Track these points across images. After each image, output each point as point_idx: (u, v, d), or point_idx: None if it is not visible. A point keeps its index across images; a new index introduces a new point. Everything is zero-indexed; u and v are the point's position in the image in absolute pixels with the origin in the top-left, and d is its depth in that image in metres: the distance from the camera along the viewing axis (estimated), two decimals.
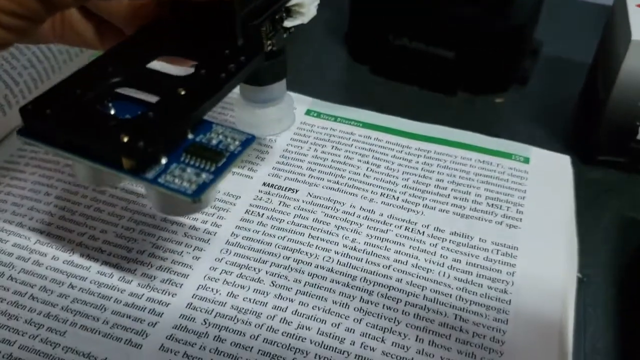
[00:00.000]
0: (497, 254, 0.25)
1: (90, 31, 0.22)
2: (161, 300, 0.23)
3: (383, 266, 0.24)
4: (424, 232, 0.26)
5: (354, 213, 0.26)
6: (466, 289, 0.23)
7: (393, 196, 0.27)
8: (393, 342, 0.22)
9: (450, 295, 0.23)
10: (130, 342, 0.21)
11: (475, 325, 0.22)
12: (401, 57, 0.38)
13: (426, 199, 0.27)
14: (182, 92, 0.17)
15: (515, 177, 0.28)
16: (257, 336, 0.22)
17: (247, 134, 0.18)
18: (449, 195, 0.27)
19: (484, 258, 0.25)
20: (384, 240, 0.25)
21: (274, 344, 0.21)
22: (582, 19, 0.45)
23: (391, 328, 0.22)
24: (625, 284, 0.27)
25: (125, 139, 0.16)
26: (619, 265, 0.28)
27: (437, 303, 0.23)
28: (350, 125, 0.31)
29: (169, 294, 0.23)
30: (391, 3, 0.37)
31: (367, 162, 0.29)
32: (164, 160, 0.17)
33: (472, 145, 0.30)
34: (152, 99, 0.18)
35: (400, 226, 0.26)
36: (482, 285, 0.24)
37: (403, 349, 0.21)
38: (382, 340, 0.22)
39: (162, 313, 0.22)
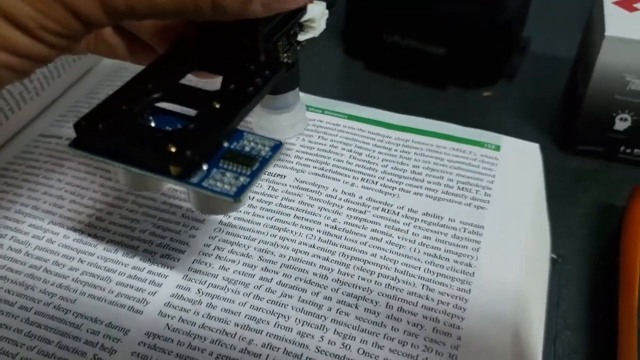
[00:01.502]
0: (464, 232, 0.27)
1: (121, 44, 0.23)
2: (160, 273, 0.25)
3: (360, 243, 0.27)
4: (398, 212, 0.28)
5: (336, 196, 0.29)
6: (434, 263, 0.26)
7: (372, 181, 0.30)
8: (365, 309, 0.24)
9: (419, 267, 0.26)
10: (132, 309, 0.24)
11: (440, 294, 0.25)
12: (394, 53, 0.40)
13: (402, 183, 0.30)
14: (217, 106, 0.19)
15: (486, 163, 0.31)
16: (245, 303, 0.24)
17: (275, 140, 0.20)
18: (423, 180, 0.30)
19: (452, 235, 0.27)
20: (362, 220, 0.28)
21: (259, 310, 0.24)
22: (570, 14, 0.47)
23: (364, 296, 0.25)
24: (599, 265, 0.29)
25: (173, 149, 0.18)
26: (594, 248, 0.30)
27: (406, 275, 0.25)
28: (337, 117, 0.34)
29: (167, 267, 0.26)
30: (385, 2, 0.39)
31: (350, 151, 0.31)
32: (205, 167, 0.19)
33: (448, 134, 0.32)
34: (187, 111, 0.20)
35: (377, 207, 0.28)
36: (448, 259, 0.26)
37: (374, 314, 0.24)
38: (356, 306, 0.24)
39: (161, 284, 0.25)
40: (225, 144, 0.20)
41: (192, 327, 0.23)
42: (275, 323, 0.24)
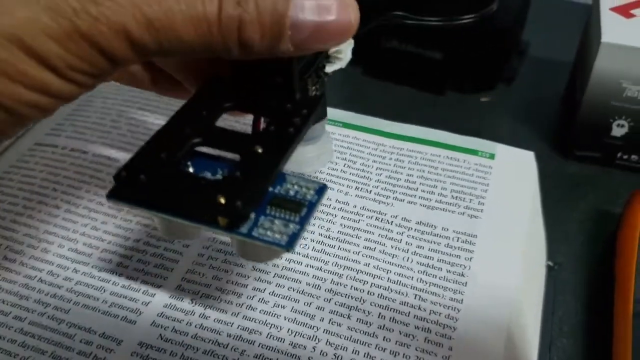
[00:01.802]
0: (458, 241, 0.27)
1: (145, 75, 0.23)
2: (154, 283, 0.26)
3: (353, 252, 0.27)
4: (392, 221, 0.28)
5: (330, 205, 0.29)
6: (427, 272, 0.26)
7: (366, 190, 0.30)
8: (358, 319, 0.24)
9: (412, 277, 0.26)
10: (125, 319, 0.24)
11: (432, 304, 0.25)
12: (392, 59, 0.41)
13: (396, 192, 0.30)
14: (260, 150, 0.18)
15: (480, 172, 0.31)
16: (237, 314, 0.24)
17: (319, 183, 0.19)
18: (417, 188, 0.30)
19: (445, 245, 0.27)
20: (355, 229, 0.28)
21: (252, 320, 0.24)
22: (569, 18, 0.47)
23: (357, 306, 0.25)
24: (595, 272, 0.29)
25: (223, 200, 0.17)
26: (591, 254, 0.30)
27: (399, 284, 0.26)
28: (332, 125, 0.34)
29: (161, 278, 0.26)
30: (382, 8, 0.39)
31: (345, 159, 0.31)
32: (252, 215, 0.18)
33: (442, 142, 0.32)
34: (225, 154, 0.19)
35: (371, 216, 0.28)
36: (441, 269, 0.26)
37: (366, 324, 0.24)
38: (349, 317, 0.24)
39: (154, 294, 0.25)
40: (269, 189, 0.19)
41: (185, 338, 0.23)
42: (268, 334, 0.24)
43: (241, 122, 0.28)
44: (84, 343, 0.23)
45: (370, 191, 0.30)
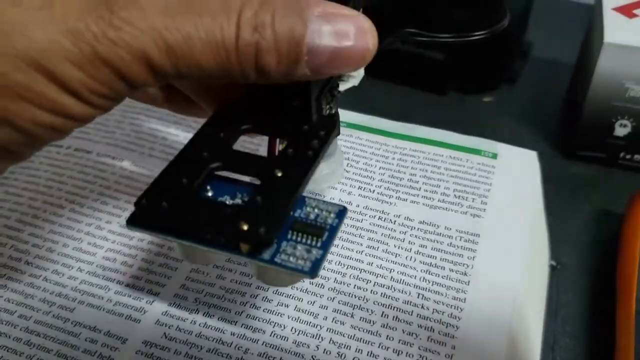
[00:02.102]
0: (460, 240, 0.27)
1: (160, 94, 0.23)
2: (158, 282, 0.26)
3: (356, 251, 0.27)
4: (395, 221, 0.28)
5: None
6: (429, 271, 0.26)
7: (369, 189, 0.30)
8: (361, 317, 0.24)
9: (415, 276, 0.26)
10: (130, 317, 0.24)
11: (435, 303, 0.25)
12: (394, 59, 0.41)
13: (399, 191, 0.30)
14: (279, 174, 0.18)
15: (483, 171, 0.31)
16: (241, 312, 0.24)
17: (338, 205, 0.19)
18: (420, 188, 0.30)
19: (447, 244, 0.27)
20: (358, 228, 0.28)
21: (256, 319, 0.24)
22: (572, 19, 0.47)
23: (360, 305, 0.25)
24: (598, 272, 0.29)
25: (245, 227, 0.16)
26: (594, 255, 0.30)
27: (402, 283, 0.26)
28: None
29: (165, 276, 0.26)
30: (383, 9, 0.39)
31: (348, 159, 0.31)
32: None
33: (445, 142, 0.33)
34: (243, 177, 0.19)
35: (374, 216, 0.29)
36: (444, 268, 0.26)
37: (369, 323, 0.24)
38: (352, 315, 0.24)
39: (159, 292, 0.25)
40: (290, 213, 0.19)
41: (189, 336, 0.24)
42: (272, 332, 0.24)
43: (248, 141, 0.28)
44: (89, 341, 0.23)
45: (374, 191, 0.30)
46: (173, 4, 0.15)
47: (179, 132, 0.33)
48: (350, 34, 0.16)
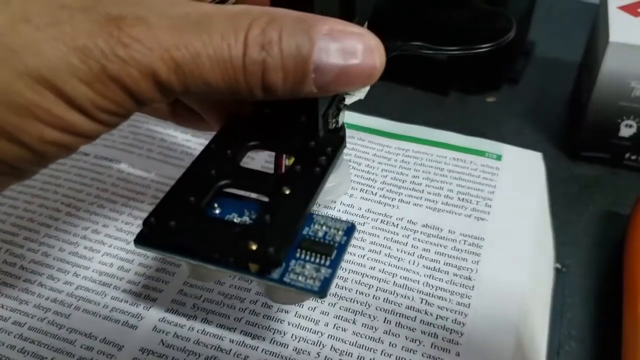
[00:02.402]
0: (464, 244, 0.27)
1: (165, 108, 0.23)
2: (155, 287, 0.25)
3: (358, 255, 0.26)
4: (397, 224, 0.28)
5: (335, 207, 0.28)
6: (433, 276, 0.26)
7: (371, 192, 0.29)
8: (363, 324, 0.24)
9: (418, 281, 0.25)
10: (127, 324, 0.24)
11: (439, 309, 0.24)
12: (396, 60, 0.40)
13: (402, 194, 0.29)
14: (287, 192, 0.18)
15: (487, 173, 0.30)
16: (240, 319, 0.24)
17: (346, 222, 0.19)
18: (423, 190, 0.29)
19: (451, 248, 0.27)
20: (360, 232, 0.27)
21: (255, 326, 0.24)
22: (576, 18, 0.46)
23: (362, 311, 0.24)
24: (604, 275, 0.29)
25: (254, 247, 0.16)
26: (600, 257, 0.30)
27: (405, 288, 0.25)
28: None
29: (162, 282, 0.25)
30: (386, 10, 0.39)
31: (350, 161, 0.31)
32: None
33: (448, 143, 0.32)
34: (250, 194, 0.19)
35: (376, 219, 0.28)
36: (448, 272, 0.26)
37: (372, 329, 0.24)
38: (354, 322, 0.24)
39: (156, 298, 0.25)
40: None
41: (187, 343, 0.23)
42: (271, 339, 0.23)
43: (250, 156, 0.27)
44: (85, 349, 0.23)
45: (376, 193, 0.29)
46: (181, 22, 0.15)
47: (177, 133, 0.33)
48: (358, 52, 0.16)
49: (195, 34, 0.15)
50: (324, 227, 0.19)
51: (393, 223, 0.28)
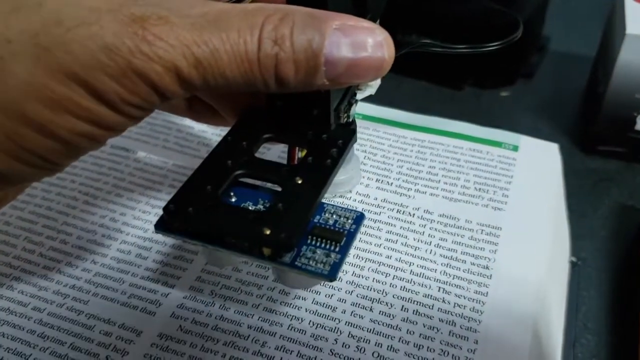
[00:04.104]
0: (482, 233, 0.27)
1: (182, 103, 0.24)
2: (173, 274, 0.25)
3: (375, 244, 0.26)
4: (414, 214, 0.28)
5: (350, 197, 0.28)
6: (450, 265, 0.25)
7: (387, 182, 0.29)
8: (380, 311, 0.24)
9: (436, 270, 0.25)
10: (145, 310, 0.24)
11: (457, 297, 0.24)
12: (411, 53, 0.40)
13: (418, 184, 0.29)
14: (299, 182, 0.19)
15: (504, 163, 0.30)
16: (258, 305, 0.24)
17: (356, 212, 0.20)
18: (439, 180, 0.29)
19: (468, 237, 0.27)
20: (376, 221, 0.27)
21: (272, 312, 0.24)
22: (590, 12, 0.46)
23: (379, 299, 0.24)
24: (620, 269, 0.29)
25: (268, 232, 0.17)
26: (615, 251, 0.30)
27: (422, 277, 0.25)
28: None
29: (180, 269, 0.25)
30: (400, 3, 0.39)
31: (365, 151, 0.31)
32: None
33: (465, 134, 0.32)
34: (265, 184, 0.20)
35: (393, 209, 0.28)
36: (465, 261, 0.26)
37: (389, 316, 0.24)
38: (371, 309, 0.24)
39: (174, 285, 0.25)
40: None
41: (205, 329, 0.23)
42: (289, 325, 0.23)
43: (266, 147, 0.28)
44: (104, 334, 0.23)
45: (392, 183, 0.29)
46: (200, 21, 0.16)
47: (194, 124, 0.33)
48: (367, 46, 0.17)
49: (214, 31, 0.16)
50: (334, 216, 0.20)
51: (409, 213, 0.28)
